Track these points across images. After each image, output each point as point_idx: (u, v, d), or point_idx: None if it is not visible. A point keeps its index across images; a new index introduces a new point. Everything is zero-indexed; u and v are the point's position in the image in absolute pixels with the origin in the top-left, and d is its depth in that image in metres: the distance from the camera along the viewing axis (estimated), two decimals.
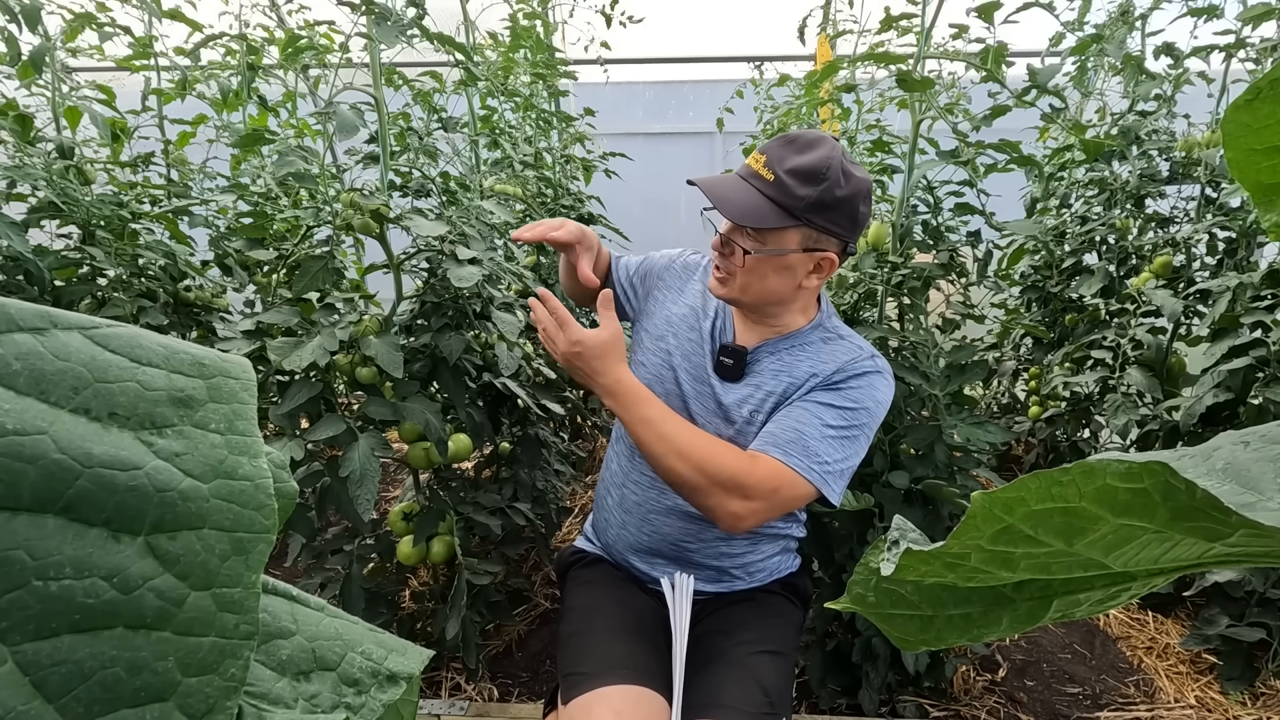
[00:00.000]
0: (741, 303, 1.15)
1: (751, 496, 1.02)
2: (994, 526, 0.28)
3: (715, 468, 1.01)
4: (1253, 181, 0.33)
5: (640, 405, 1.05)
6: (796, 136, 1.07)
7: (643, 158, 3.13)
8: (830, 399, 1.10)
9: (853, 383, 1.11)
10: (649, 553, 1.23)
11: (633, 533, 1.24)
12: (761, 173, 1.05)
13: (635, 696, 1.00)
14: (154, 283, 1.84)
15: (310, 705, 0.28)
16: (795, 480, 1.04)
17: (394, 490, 2.86)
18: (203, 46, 1.82)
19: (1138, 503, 0.25)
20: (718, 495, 1.02)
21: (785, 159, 1.04)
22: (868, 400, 1.10)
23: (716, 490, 1.01)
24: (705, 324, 1.21)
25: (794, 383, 1.13)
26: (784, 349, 1.16)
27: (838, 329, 1.20)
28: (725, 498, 1.01)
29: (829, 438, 1.07)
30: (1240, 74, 2.09)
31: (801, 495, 1.05)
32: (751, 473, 1.02)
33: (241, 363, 0.26)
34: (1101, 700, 1.80)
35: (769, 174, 1.04)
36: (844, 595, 0.38)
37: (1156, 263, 2.17)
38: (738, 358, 1.17)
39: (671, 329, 1.23)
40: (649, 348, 1.26)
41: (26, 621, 0.18)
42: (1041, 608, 0.34)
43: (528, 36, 2.30)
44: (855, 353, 1.15)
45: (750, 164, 1.08)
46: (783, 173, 1.03)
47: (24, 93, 1.90)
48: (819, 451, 1.05)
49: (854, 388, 1.11)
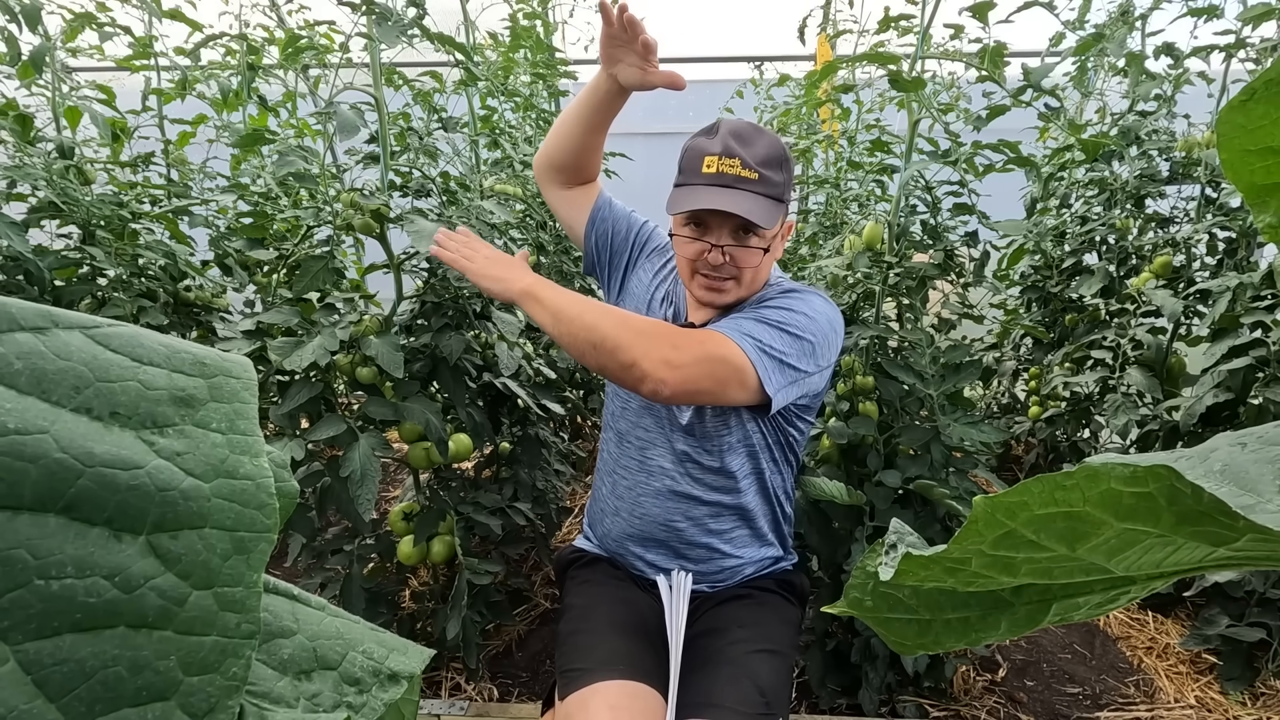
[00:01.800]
0: (740, 300, 1.17)
1: (680, 345, 1.01)
2: (996, 531, 0.27)
3: (637, 320, 1.04)
4: (1247, 182, 0.33)
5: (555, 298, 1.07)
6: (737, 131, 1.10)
7: (643, 158, 3.13)
8: (763, 309, 1.12)
9: (784, 298, 1.14)
10: (641, 539, 1.25)
11: (624, 519, 1.25)
12: (744, 174, 1.07)
13: (631, 691, 1.01)
14: (154, 283, 1.84)
15: (312, 704, 0.28)
16: (724, 341, 1.03)
17: (394, 490, 2.86)
18: (203, 46, 1.82)
19: (1142, 507, 0.25)
20: (644, 343, 1.00)
21: (753, 154, 1.08)
22: (803, 307, 1.11)
23: (642, 339, 1.00)
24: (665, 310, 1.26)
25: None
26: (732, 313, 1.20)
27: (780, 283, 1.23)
28: (652, 344, 1.00)
29: (764, 324, 1.07)
30: (1240, 74, 2.09)
31: (735, 363, 1.02)
32: (677, 335, 1.03)
33: (242, 362, 0.26)
34: (1101, 700, 1.80)
35: (751, 173, 1.07)
36: (841, 598, 0.38)
37: (1156, 263, 2.17)
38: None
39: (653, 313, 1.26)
40: None
41: (28, 620, 0.18)
42: (1040, 611, 0.34)
43: (528, 36, 2.30)
44: (783, 280, 1.21)
45: (724, 170, 1.07)
46: (759, 167, 1.07)
47: (24, 93, 1.89)
48: (752, 331, 1.06)
49: (786, 297, 1.14)
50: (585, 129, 1.20)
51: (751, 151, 1.08)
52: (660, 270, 1.30)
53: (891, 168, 1.74)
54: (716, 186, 1.07)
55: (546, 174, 1.31)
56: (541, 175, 1.31)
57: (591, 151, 1.21)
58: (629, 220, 1.33)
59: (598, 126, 1.20)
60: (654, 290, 1.28)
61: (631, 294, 1.31)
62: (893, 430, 1.59)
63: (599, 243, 1.32)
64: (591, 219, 1.31)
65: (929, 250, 1.62)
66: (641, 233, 1.33)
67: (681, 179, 1.13)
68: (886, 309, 1.67)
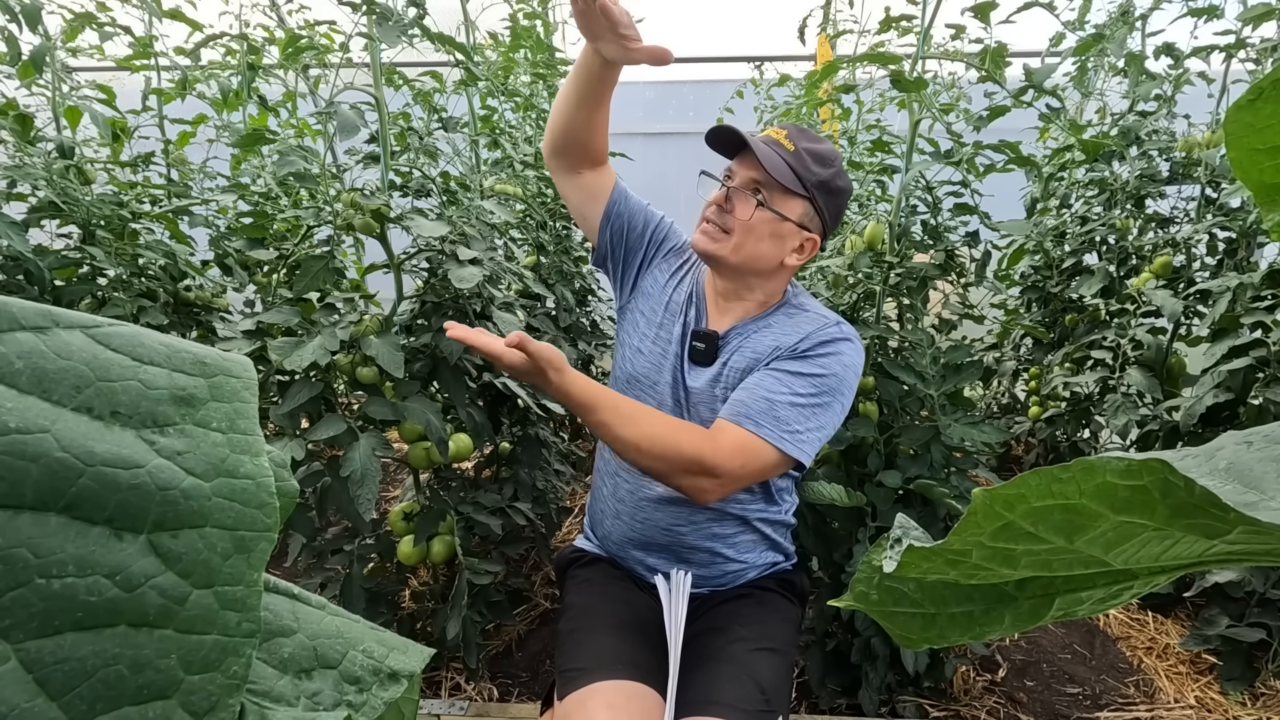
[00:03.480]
0: (726, 263, 1.16)
1: (718, 473, 1.05)
2: (995, 523, 0.28)
3: (676, 453, 1.04)
4: (1255, 181, 0.33)
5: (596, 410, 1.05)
6: (806, 128, 1.16)
7: (643, 158, 3.14)
8: (799, 367, 1.12)
9: (820, 350, 1.14)
10: (643, 544, 1.24)
11: (626, 522, 1.25)
12: (784, 142, 1.12)
13: (630, 691, 1.00)
14: (154, 282, 1.84)
15: (312, 703, 0.28)
16: (763, 449, 1.07)
17: (394, 490, 2.86)
18: (203, 46, 1.82)
19: (1137, 499, 0.25)
20: (682, 478, 1.06)
21: (802, 139, 1.13)
22: (836, 367, 1.13)
23: (681, 474, 1.05)
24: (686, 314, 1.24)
25: (758, 358, 1.16)
26: (753, 330, 1.20)
27: (803, 303, 1.23)
28: (691, 479, 1.05)
29: (798, 405, 1.09)
30: (1240, 74, 2.09)
31: (772, 463, 1.08)
32: (717, 451, 1.05)
33: (243, 361, 0.26)
34: (1101, 700, 1.80)
35: (790, 145, 1.12)
36: (847, 592, 0.38)
37: (1156, 263, 2.17)
38: (710, 341, 1.20)
39: (671, 316, 1.24)
40: (646, 334, 1.25)
41: (29, 619, 0.19)
42: (1044, 606, 0.34)
43: (528, 36, 2.30)
44: (820, 321, 1.18)
45: (771, 134, 1.14)
46: (801, 148, 1.12)
47: (24, 92, 1.89)
48: (788, 419, 1.08)
49: (822, 354, 1.13)
50: (580, 106, 1.15)
51: (803, 138, 1.13)
52: (678, 271, 1.28)
53: (892, 168, 1.74)
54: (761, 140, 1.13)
55: (554, 160, 1.25)
56: (551, 163, 1.25)
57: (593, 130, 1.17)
58: (646, 215, 1.29)
59: (594, 103, 1.15)
60: (671, 293, 1.26)
61: (645, 293, 1.28)
62: (893, 430, 1.59)
63: (614, 237, 1.27)
64: (608, 212, 1.25)
65: (930, 250, 1.62)
66: (659, 230, 1.30)
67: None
68: (887, 309, 1.67)
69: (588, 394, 1.05)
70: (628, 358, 1.27)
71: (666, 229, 1.31)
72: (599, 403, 1.05)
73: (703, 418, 1.19)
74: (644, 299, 1.28)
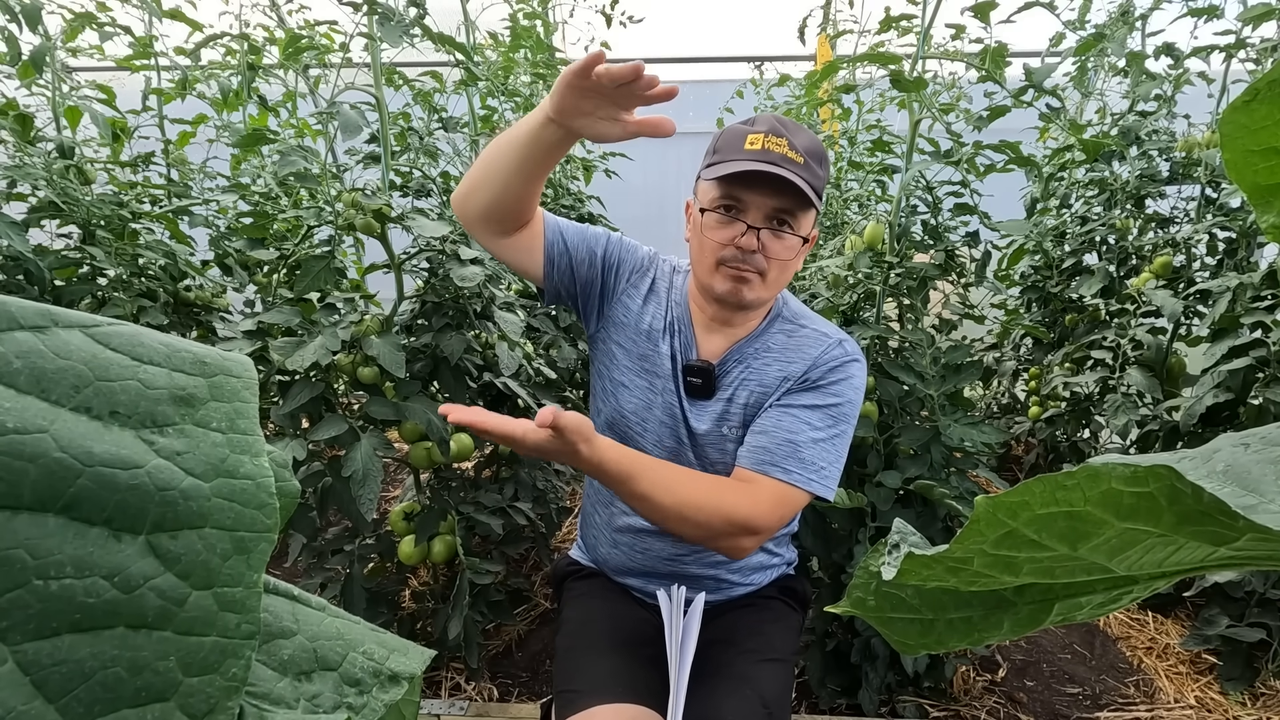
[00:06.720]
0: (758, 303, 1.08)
1: (759, 530, 1.00)
2: (997, 531, 0.28)
3: (720, 518, 0.97)
4: (1250, 183, 0.33)
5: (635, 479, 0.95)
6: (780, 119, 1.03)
7: (643, 158, 3.13)
8: (814, 400, 1.07)
9: (832, 376, 1.08)
10: (643, 573, 1.20)
11: (624, 552, 1.20)
12: (791, 155, 0.99)
13: (628, 715, 0.97)
14: (154, 282, 1.84)
15: (312, 705, 0.28)
16: (796, 495, 1.03)
17: (395, 490, 2.86)
18: (203, 46, 1.82)
19: (1143, 507, 0.25)
20: (723, 540, 0.99)
21: (798, 141, 1.00)
22: (849, 393, 1.09)
23: (722, 537, 0.99)
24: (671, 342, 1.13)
25: (765, 390, 1.10)
26: (750, 354, 1.11)
27: (798, 317, 1.15)
28: (732, 540, 0.99)
29: (820, 442, 1.05)
30: (1240, 74, 2.09)
31: (802, 505, 1.06)
32: (756, 507, 1.00)
33: (243, 361, 0.26)
34: (1101, 700, 1.80)
35: (798, 156, 0.99)
36: (844, 598, 0.38)
37: (1156, 263, 2.17)
38: (705, 375, 1.10)
39: (652, 345, 1.13)
40: (628, 367, 1.15)
41: (27, 621, 0.18)
42: (1043, 611, 0.34)
43: (528, 36, 2.31)
44: (823, 342, 1.11)
45: (770, 147, 0.99)
46: (805, 155, 1.00)
47: (24, 93, 1.90)
48: (814, 460, 1.04)
49: (835, 381, 1.08)
50: (523, 177, 0.99)
51: (798, 138, 1.00)
52: (650, 294, 1.16)
53: (892, 168, 1.74)
54: (761, 162, 0.97)
55: (478, 226, 1.06)
56: (472, 226, 1.07)
57: (532, 198, 1.02)
58: (588, 244, 1.13)
59: (541, 173, 1.00)
60: (649, 320, 1.14)
61: (618, 323, 1.15)
62: (893, 431, 1.59)
63: (560, 279, 1.12)
64: (549, 257, 1.10)
65: (930, 250, 1.62)
66: (609, 254, 1.15)
67: (717, 158, 1.02)
68: (887, 309, 1.67)
69: (624, 463, 0.94)
70: (610, 392, 1.16)
71: (618, 250, 1.16)
72: (636, 471, 0.94)
73: (710, 459, 1.13)
74: (618, 329, 1.16)
